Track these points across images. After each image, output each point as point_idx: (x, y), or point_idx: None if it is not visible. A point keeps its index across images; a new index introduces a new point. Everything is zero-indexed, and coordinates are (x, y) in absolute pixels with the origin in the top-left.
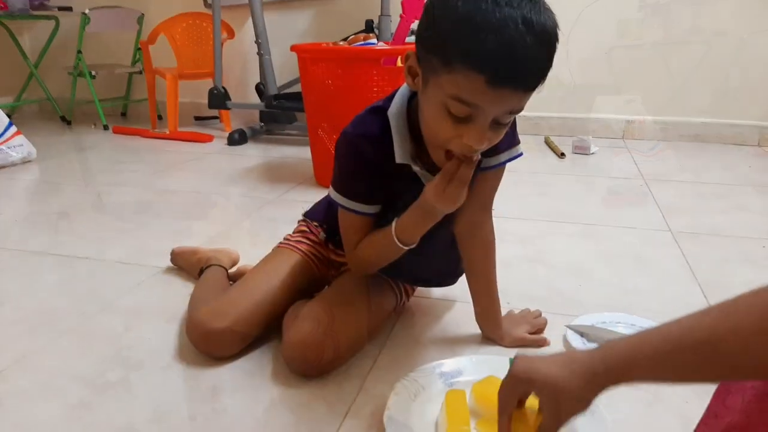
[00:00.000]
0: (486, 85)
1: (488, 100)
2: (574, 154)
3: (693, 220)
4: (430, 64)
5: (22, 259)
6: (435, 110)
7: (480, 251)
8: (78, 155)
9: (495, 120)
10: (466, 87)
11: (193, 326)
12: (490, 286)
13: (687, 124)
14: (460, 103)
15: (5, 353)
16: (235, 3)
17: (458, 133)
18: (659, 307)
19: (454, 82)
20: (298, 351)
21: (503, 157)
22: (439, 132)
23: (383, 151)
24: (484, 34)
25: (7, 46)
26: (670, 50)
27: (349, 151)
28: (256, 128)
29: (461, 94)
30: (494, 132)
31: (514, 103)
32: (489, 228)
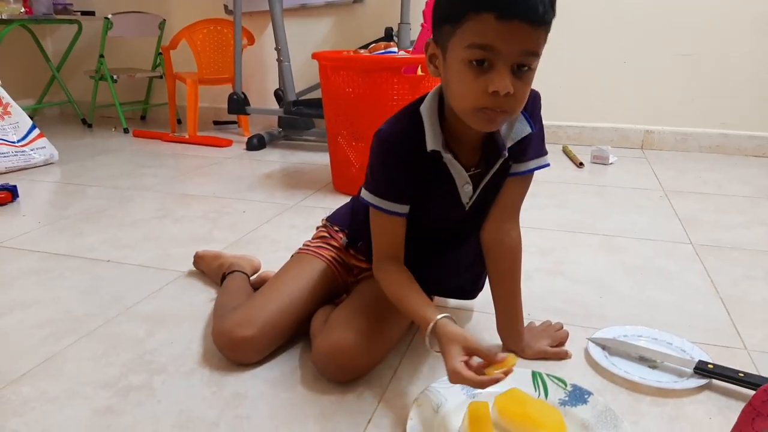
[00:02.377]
0: (496, 21)
1: (501, 36)
2: (592, 163)
3: (714, 233)
4: (444, 35)
5: (46, 261)
6: (457, 71)
7: (507, 259)
8: (99, 158)
9: (515, 65)
10: (478, 30)
11: (220, 335)
12: (514, 296)
13: (707, 135)
14: (477, 48)
15: (30, 356)
16: (255, 10)
17: (483, 86)
18: (681, 320)
19: (468, 32)
20: (331, 357)
21: (532, 164)
22: (465, 91)
23: (415, 145)
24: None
25: (30, 49)
26: (689, 60)
27: (382, 149)
28: (275, 134)
29: (476, 39)
30: (518, 82)
31: (527, 40)
32: (516, 235)
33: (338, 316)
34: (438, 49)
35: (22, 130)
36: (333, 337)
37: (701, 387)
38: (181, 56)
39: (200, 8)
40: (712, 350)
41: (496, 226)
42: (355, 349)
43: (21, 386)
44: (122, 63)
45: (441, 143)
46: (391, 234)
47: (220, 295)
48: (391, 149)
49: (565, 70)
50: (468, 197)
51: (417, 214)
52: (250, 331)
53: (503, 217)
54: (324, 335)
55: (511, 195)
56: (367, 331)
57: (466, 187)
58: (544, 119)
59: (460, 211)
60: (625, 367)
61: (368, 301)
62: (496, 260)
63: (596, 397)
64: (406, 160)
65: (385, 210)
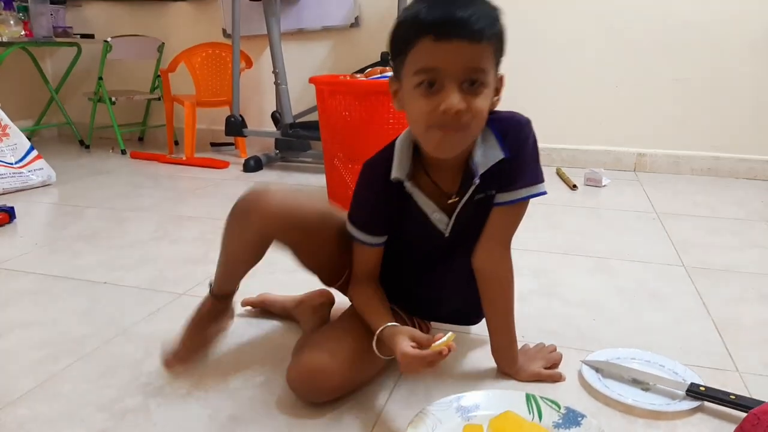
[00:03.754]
0: (435, 43)
1: (442, 56)
2: (586, 186)
3: (706, 255)
4: (399, 67)
5: (43, 282)
6: (410, 97)
7: (498, 287)
8: (97, 179)
9: (463, 82)
10: (421, 55)
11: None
12: (508, 323)
13: (699, 158)
14: (423, 72)
15: (27, 378)
16: (253, 34)
17: (434, 105)
18: (674, 343)
19: (413, 58)
20: (304, 377)
21: (522, 192)
22: (418, 113)
23: (386, 171)
24: (421, 7)
25: (29, 71)
26: (681, 84)
27: (361, 179)
28: (272, 155)
29: (421, 64)
30: (470, 98)
31: (468, 56)
32: (508, 265)
33: (314, 338)
34: (397, 82)
35: (20, 152)
36: (305, 359)
37: (693, 409)
38: (180, 79)
39: (199, 32)
40: (704, 373)
41: (485, 254)
42: (327, 369)
43: (18, 408)
44: (121, 85)
45: (406, 173)
46: (366, 261)
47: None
48: (367, 181)
49: (558, 94)
50: (444, 225)
51: (398, 240)
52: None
53: (492, 246)
54: (297, 357)
55: (499, 224)
56: (343, 352)
57: (436, 215)
58: (541, 143)
59: (440, 238)
60: (619, 390)
61: (348, 324)
62: (488, 287)
63: (590, 420)
64: (376, 189)
65: (359, 240)
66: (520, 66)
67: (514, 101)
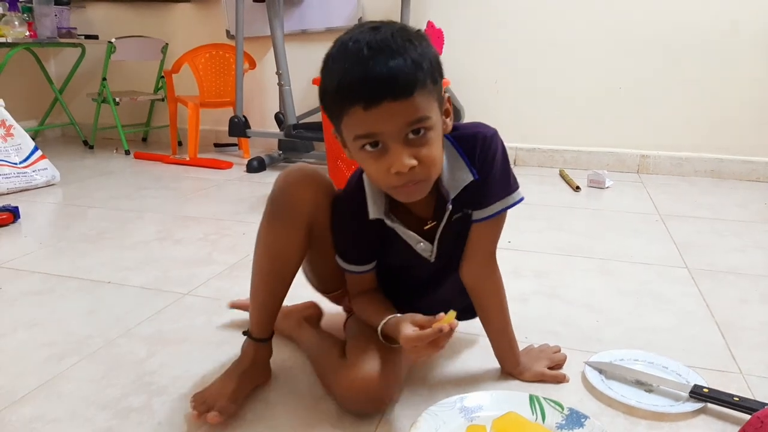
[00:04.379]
0: (365, 111)
1: (377, 122)
2: (589, 187)
3: (709, 257)
4: (336, 127)
5: (47, 282)
6: (359, 158)
7: (491, 300)
8: (100, 179)
9: (407, 138)
10: (356, 123)
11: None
12: (505, 329)
13: (702, 160)
14: (362, 138)
15: (31, 377)
16: (257, 35)
17: (385, 167)
18: (677, 344)
19: (348, 126)
20: (363, 389)
21: (497, 207)
22: (374, 176)
23: (360, 211)
24: (341, 74)
25: (33, 71)
26: (685, 86)
27: (337, 216)
28: (275, 156)
29: (356, 131)
30: (418, 149)
31: (403, 114)
32: (496, 275)
33: (360, 350)
34: (339, 136)
35: (25, 152)
36: (363, 370)
37: (697, 411)
38: (183, 80)
39: (202, 33)
40: (707, 374)
41: (472, 270)
42: (385, 379)
43: (22, 407)
44: (125, 86)
45: (383, 210)
46: (358, 285)
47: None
48: (339, 218)
49: (561, 96)
50: (429, 252)
51: (385, 265)
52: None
53: (477, 261)
54: (351, 369)
55: (479, 239)
56: (388, 361)
57: (420, 245)
58: (542, 144)
59: (425, 263)
60: (622, 391)
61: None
62: (480, 300)
63: (593, 421)
64: (354, 228)
65: (348, 271)
66: (523, 68)
67: (518, 102)
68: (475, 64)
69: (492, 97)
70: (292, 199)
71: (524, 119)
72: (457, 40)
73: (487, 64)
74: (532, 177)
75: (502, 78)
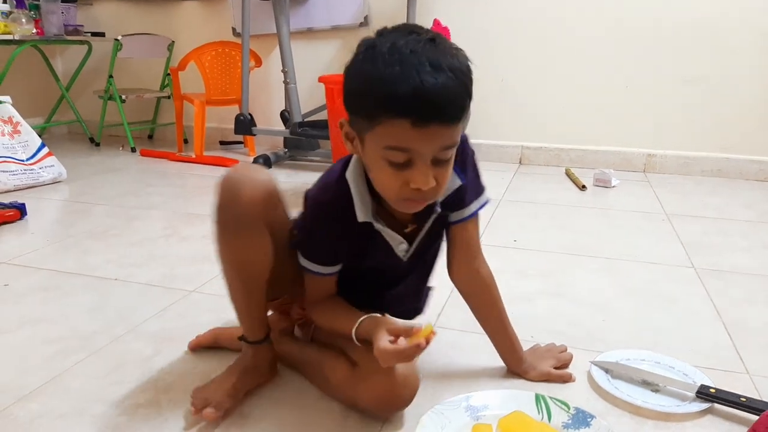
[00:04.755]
0: (412, 128)
1: (418, 140)
2: (595, 186)
3: (716, 257)
4: (360, 126)
5: (54, 279)
6: (377, 165)
7: (484, 296)
8: (107, 177)
9: (435, 158)
10: (395, 134)
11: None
12: (504, 325)
13: (709, 159)
14: (396, 150)
15: (38, 373)
16: (263, 32)
17: (404, 180)
18: (683, 344)
19: (384, 134)
20: (399, 393)
21: (473, 207)
22: (386, 185)
23: (344, 215)
24: (395, 83)
25: (40, 69)
26: (691, 85)
27: (312, 216)
28: (280, 154)
29: (393, 142)
30: (438, 170)
31: (444, 138)
32: (486, 271)
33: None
34: (354, 133)
35: (32, 149)
36: (398, 373)
37: (703, 411)
38: (190, 77)
39: (209, 31)
40: (714, 374)
41: (462, 269)
42: (414, 376)
43: (29, 403)
44: (131, 83)
45: (371, 213)
46: (324, 289)
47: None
48: (321, 220)
49: (567, 94)
50: (404, 252)
51: (353, 266)
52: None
53: (465, 259)
54: (375, 378)
55: (464, 238)
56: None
57: (401, 246)
58: (548, 142)
59: (397, 262)
60: (628, 391)
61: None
62: (474, 300)
63: (599, 421)
64: (336, 230)
65: (313, 272)
66: (530, 66)
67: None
68: (481, 62)
69: (498, 96)
70: (244, 204)
71: (530, 118)
72: (463, 39)
73: (493, 62)
74: (538, 176)
75: (507, 77)
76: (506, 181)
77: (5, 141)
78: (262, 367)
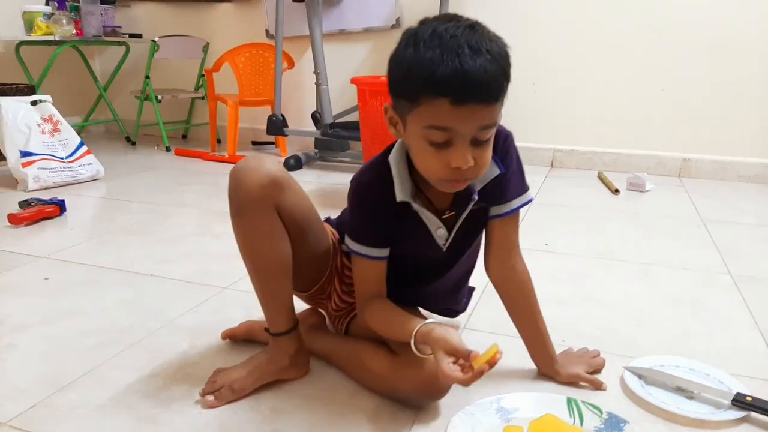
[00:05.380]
0: (451, 106)
1: (457, 118)
2: (628, 190)
3: (753, 263)
4: (402, 108)
5: (92, 273)
6: (418, 145)
7: (519, 294)
8: (142, 175)
9: (474, 138)
10: (435, 113)
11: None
12: (537, 325)
13: (746, 164)
14: (436, 129)
15: (78, 364)
16: (296, 34)
17: (444, 160)
18: (719, 352)
19: (425, 113)
20: (435, 386)
21: (515, 203)
22: (427, 165)
23: (385, 195)
24: (435, 64)
25: (79, 69)
26: (728, 88)
27: (355, 197)
28: (311, 155)
29: (433, 121)
30: (478, 151)
31: (482, 117)
32: (522, 269)
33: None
34: (397, 116)
35: (71, 147)
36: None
37: (739, 419)
38: (223, 78)
39: (243, 33)
40: (750, 383)
41: (499, 265)
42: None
43: (69, 393)
44: (166, 84)
45: (410, 193)
46: (373, 278)
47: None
48: (363, 199)
49: (601, 97)
50: (443, 239)
51: (394, 253)
52: None
53: (503, 256)
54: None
55: (503, 234)
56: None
57: (439, 231)
58: (579, 145)
59: (437, 251)
60: (662, 397)
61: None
62: (509, 297)
63: (632, 426)
64: (378, 210)
65: (364, 255)
66: (564, 68)
67: (556, 103)
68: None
69: (530, 98)
70: (248, 190)
71: (562, 120)
72: None
73: (525, 64)
74: (570, 179)
75: (540, 79)
76: (537, 184)
77: (46, 139)
78: (281, 359)
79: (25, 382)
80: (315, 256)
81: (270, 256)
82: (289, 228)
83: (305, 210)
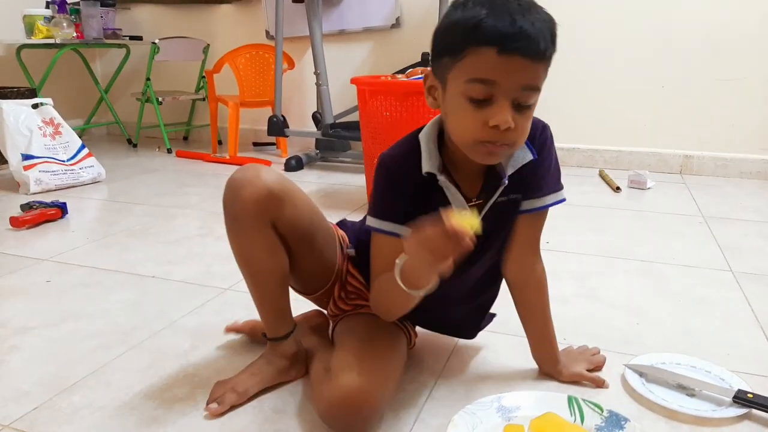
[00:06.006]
0: (497, 56)
1: (502, 70)
2: (629, 188)
3: (755, 261)
4: (444, 67)
5: (94, 275)
6: (457, 104)
7: (534, 294)
8: (144, 177)
9: (515, 100)
10: (479, 64)
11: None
12: (546, 326)
13: (748, 161)
14: (478, 82)
15: (81, 366)
16: (296, 35)
17: (483, 119)
18: (720, 349)
19: (468, 66)
20: (344, 407)
21: (549, 200)
22: (465, 125)
23: (412, 168)
24: (484, 15)
25: (80, 71)
26: (729, 85)
27: (381, 170)
28: (312, 155)
29: (476, 73)
30: (519, 117)
31: (526, 74)
32: (540, 269)
33: (340, 361)
34: (437, 81)
35: (72, 150)
36: (343, 382)
37: (740, 416)
38: (224, 80)
39: (243, 34)
40: (751, 380)
41: (518, 262)
42: (367, 393)
43: (72, 395)
44: (167, 86)
45: (437, 166)
46: (388, 256)
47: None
48: (389, 171)
49: (602, 94)
50: None
51: None
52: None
53: (524, 253)
54: (331, 382)
55: (529, 231)
56: (373, 372)
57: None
58: (580, 143)
59: None
60: (663, 395)
61: (363, 341)
62: (524, 296)
63: (633, 424)
64: (403, 182)
65: (383, 231)
66: (565, 65)
67: (557, 101)
68: None
69: None
70: (244, 204)
71: (564, 118)
72: None
73: None
74: (572, 177)
75: None
76: None
77: (47, 142)
78: (280, 364)
79: (27, 384)
80: (319, 262)
81: (265, 267)
82: (289, 238)
83: (307, 219)
